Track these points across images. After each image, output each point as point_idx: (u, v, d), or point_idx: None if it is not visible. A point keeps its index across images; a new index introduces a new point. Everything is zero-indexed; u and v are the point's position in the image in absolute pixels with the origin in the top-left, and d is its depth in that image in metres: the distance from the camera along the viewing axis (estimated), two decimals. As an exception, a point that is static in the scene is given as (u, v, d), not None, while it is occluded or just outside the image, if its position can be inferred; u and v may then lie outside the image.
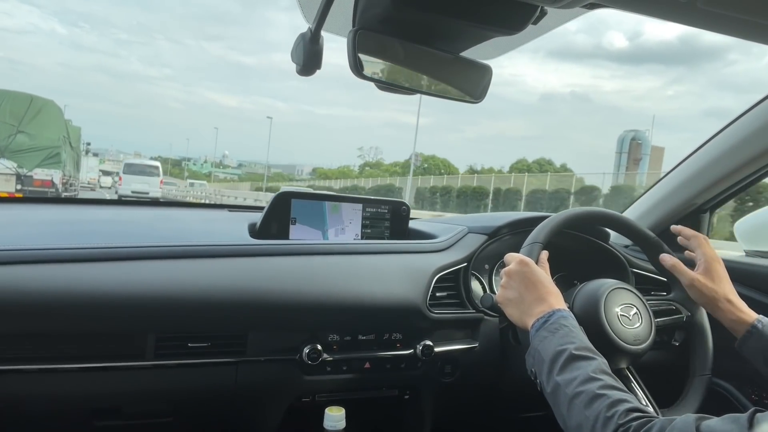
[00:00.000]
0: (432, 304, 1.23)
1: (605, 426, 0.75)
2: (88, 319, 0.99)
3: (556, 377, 0.85)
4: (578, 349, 0.87)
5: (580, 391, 0.81)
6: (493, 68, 0.94)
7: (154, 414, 1.11)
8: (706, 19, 0.69)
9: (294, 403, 1.19)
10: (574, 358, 0.86)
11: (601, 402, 0.78)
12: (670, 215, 1.58)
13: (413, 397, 1.29)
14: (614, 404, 0.77)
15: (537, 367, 0.91)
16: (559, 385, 0.84)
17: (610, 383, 0.82)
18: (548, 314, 0.94)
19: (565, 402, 0.82)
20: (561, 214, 1.18)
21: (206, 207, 2.14)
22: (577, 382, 0.82)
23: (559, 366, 0.86)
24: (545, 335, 0.91)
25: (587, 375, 0.82)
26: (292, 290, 1.12)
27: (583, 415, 0.78)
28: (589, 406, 0.78)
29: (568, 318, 0.94)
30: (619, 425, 0.74)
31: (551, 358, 0.87)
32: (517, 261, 1.04)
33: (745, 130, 1.36)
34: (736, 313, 1.07)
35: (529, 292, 0.99)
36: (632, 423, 0.73)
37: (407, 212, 1.55)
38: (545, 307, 0.96)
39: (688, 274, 1.13)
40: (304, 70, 0.84)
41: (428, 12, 0.79)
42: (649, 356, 1.08)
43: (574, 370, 0.84)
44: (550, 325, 0.92)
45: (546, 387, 0.88)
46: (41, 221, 1.33)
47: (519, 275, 1.01)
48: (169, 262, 1.09)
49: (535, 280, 1.00)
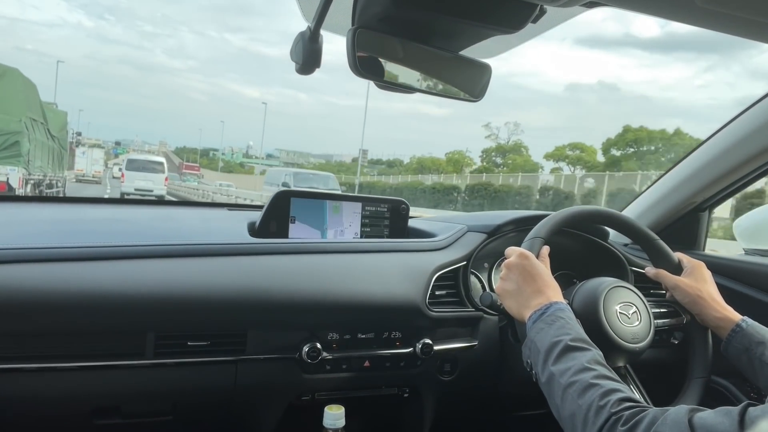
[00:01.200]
0: (431, 302, 1.23)
1: (598, 415, 0.75)
2: (88, 318, 0.99)
3: (551, 367, 0.86)
4: (574, 340, 0.88)
5: (573, 381, 0.81)
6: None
7: (153, 413, 1.11)
8: (705, 17, 0.69)
9: (293, 401, 1.19)
10: (569, 348, 0.86)
11: (595, 391, 0.78)
12: (669, 214, 1.58)
13: (413, 395, 1.29)
14: (607, 393, 0.77)
15: (533, 357, 0.92)
16: (553, 375, 0.85)
17: (604, 373, 0.82)
18: (545, 306, 0.95)
19: (559, 391, 0.83)
20: (562, 211, 1.18)
21: (205, 206, 2.13)
22: (571, 372, 0.83)
23: (554, 356, 0.86)
24: (542, 327, 0.92)
25: (582, 365, 0.83)
26: (291, 289, 1.12)
27: (576, 404, 0.79)
28: (583, 395, 0.79)
29: (564, 310, 0.94)
30: (611, 414, 0.74)
31: (547, 348, 0.88)
32: (517, 254, 1.04)
33: (744, 129, 1.36)
34: (721, 311, 1.09)
35: (527, 284, 1.00)
36: (624, 412, 0.74)
37: (406, 211, 1.55)
38: (543, 299, 0.97)
39: (672, 278, 1.16)
40: (303, 68, 0.83)
41: (427, 10, 0.79)
42: (647, 354, 1.08)
43: (568, 360, 0.85)
44: (547, 317, 0.93)
45: (541, 377, 0.88)
46: (40, 220, 1.33)
47: (519, 268, 1.02)
48: (169, 261, 1.09)
49: (535, 273, 1.01)
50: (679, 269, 1.19)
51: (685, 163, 1.53)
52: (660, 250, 1.21)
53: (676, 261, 1.20)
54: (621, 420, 0.73)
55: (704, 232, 1.62)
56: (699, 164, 1.48)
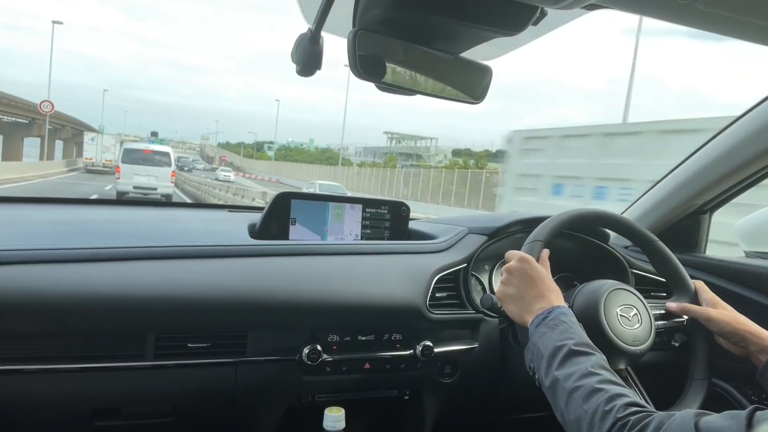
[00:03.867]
0: (432, 304, 1.23)
1: (603, 420, 0.75)
2: (88, 320, 0.99)
3: (554, 372, 0.85)
4: (577, 344, 0.87)
5: (578, 386, 0.81)
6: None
7: (153, 414, 1.11)
8: (705, 19, 0.69)
9: (293, 403, 1.19)
10: (573, 353, 0.86)
11: (600, 396, 0.78)
12: (669, 216, 1.58)
13: (413, 397, 1.29)
14: (613, 398, 0.77)
15: (536, 362, 0.91)
16: (557, 380, 0.84)
17: (609, 378, 0.82)
18: (548, 311, 0.94)
19: (563, 396, 0.82)
20: (562, 214, 1.18)
21: (206, 207, 2.14)
22: (575, 377, 0.82)
23: (558, 361, 0.86)
24: (544, 331, 0.91)
25: (586, 370, 0.83)
26: (291, 291, 1.12)
27: (581, 409, 0.78)
28: (588, 400, 0.79)
29: (567, 315, 0.94)
30: (617, 419, 0.74)
31: (550, 353, 0.88)
32: (517, 258, 1.04)
33: (745, 130, 1.36)
34: (758, 336, 1.02)
35: (529, 288, 0.99)
36: (631, 417, 0.73)
37: (407, 213, 1.55)
38: (545, 303, 0.96)
39: (703, 311, 1.10)
40: (304, 70, 0.84)
41: (428, 13, 0.79)
42: (648, 357, 1.08)
43: (573, 365, 0.84)
44: (549, 321, 0.92)
45: (544, 381, 0.88)
46: (41, 221, 1.33)
47: (519, 272, 1.01)
48: (169, 262, 1.10)
49: (536, 277, 1.00)
50: (696, 298, 1.13)
51: (686, 165, 1.53)
52: (677, 274, 1.17)
53: (694, 289, 1.15)
54: (627, 425, 0.73)
55: (705, 234, 1.62)
56: (700, 166, 1.48)
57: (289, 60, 0.84)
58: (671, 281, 1.20)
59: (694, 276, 1.21)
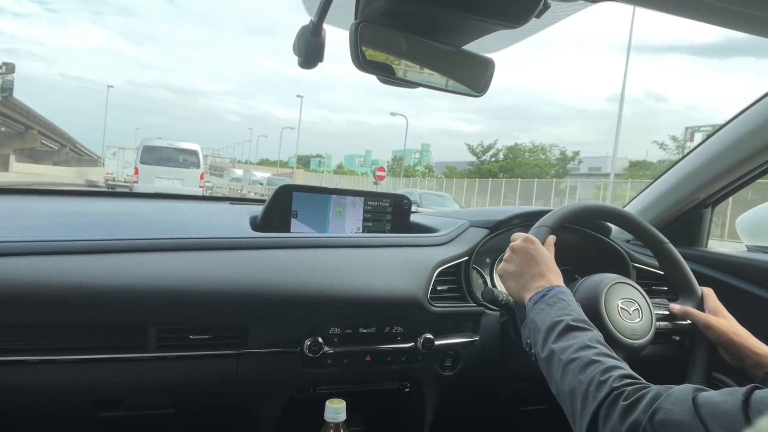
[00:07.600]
0: (433, 297, 1.23)
1: (599, 389, 0.75)
2: (90, 311, 0.99)
3: (551, 344, 0.86)
4: (575, 320, 0.88)
5: (575, 357, 0.81)
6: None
7: (155, 405, 1.11)
8: (710, 13, 0.69)
9: (295, 395, 1.20)
10: (570, 328, 0.86)
11: (596, 367, 0.78)
12: (671, 210, 1.58)
13: (414, 389, 1.30)
14: (609, 369, 0.77)
15: (533, 337, 0.91)
16: (553, 352, 0.85)
17: (605, 352, 0.82)
18: (546, 289, 0.95)
19: (559, 368, 0.83)
20: (572, 205, 1.19)
21: (208, 200, 2.14)
22: (572, 350, 0.83)
23: (555, 335, 0.86)
24: (542, 307, 0.92)
25: (583, 343, 0.83)
26: (293, 283, 1.12)
27: (577, 380, 0.79)
28: (584, 371, 0.79)
29: (565, 293, 0.95)
30: (612, 389, 0.74)
31: (548, 327, 0.88)
32: (523, 238, 1.05)
33: (747, 125, 1.36)
34: (760, 348, 1.01)
35: (530, 267, 1.00)
36: (626, 388, 0.73)
37: (408, 206, 1.55)
38: (544, 282, 0.97)
39: (703, 317, 1.09)
40: (305, 63, 0.83)
41: (430, 4, 0.78)
42: (648, 350, 1.08)
43: (570, 338, 0.85)
44: (548, 299, 0.93)
45: (540, 354, 0.88)
46: (42, 213, 1.33)
47: (523, 251, 1.02)
48: (171, 254, 1.10)
49: (538, 257, 1.01)
50: (702, 303, 1.13)
51: (688, 159, 1.52)
52: (685, 278, 1.17)
53: (700, 295, 1.14)
54: (623, 395, 0.73)
55: (707, 228, 1.62)
56: (702, 161, 1.48)
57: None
58: (679, 284, 1.19)
59: (697, 272, 1.21)
